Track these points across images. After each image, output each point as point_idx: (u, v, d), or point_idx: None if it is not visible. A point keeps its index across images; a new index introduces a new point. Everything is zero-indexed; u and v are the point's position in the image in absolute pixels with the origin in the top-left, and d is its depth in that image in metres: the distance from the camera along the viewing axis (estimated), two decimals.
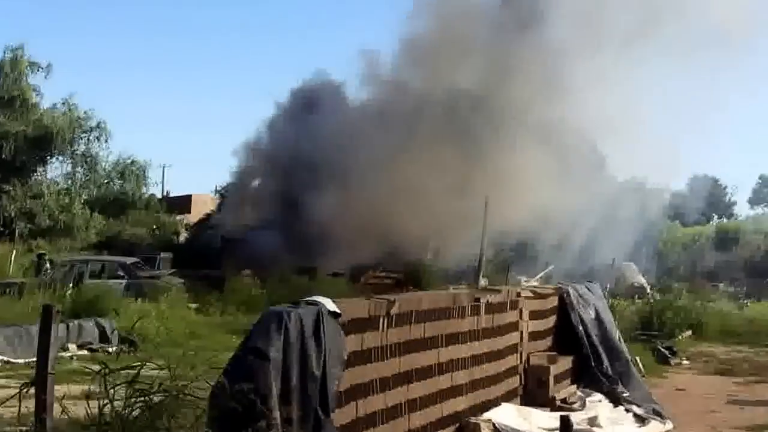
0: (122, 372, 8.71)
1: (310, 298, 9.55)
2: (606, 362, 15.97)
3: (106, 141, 57.78)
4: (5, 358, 18.21)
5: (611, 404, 15.07)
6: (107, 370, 8.45)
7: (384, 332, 10.34)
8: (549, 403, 14.42)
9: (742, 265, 48.86)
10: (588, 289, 17.72)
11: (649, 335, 23.48)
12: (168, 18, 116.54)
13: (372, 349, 10.11)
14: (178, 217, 56.86)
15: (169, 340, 22.13)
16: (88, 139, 57.66)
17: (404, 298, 11.22)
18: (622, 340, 17.59)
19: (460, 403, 12.02)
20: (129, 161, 61.71)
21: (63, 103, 56.02)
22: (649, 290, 43.42)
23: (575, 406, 14.72)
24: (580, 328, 16.24)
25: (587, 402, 14.97)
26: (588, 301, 16.99)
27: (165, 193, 70.40)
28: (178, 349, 21.33)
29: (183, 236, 52.84)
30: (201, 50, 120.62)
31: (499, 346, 13.65)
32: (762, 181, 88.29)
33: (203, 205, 62.26)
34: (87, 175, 59.53)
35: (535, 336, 15.38)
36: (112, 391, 8.38)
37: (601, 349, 16.13)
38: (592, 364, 15.90)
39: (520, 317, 14.66)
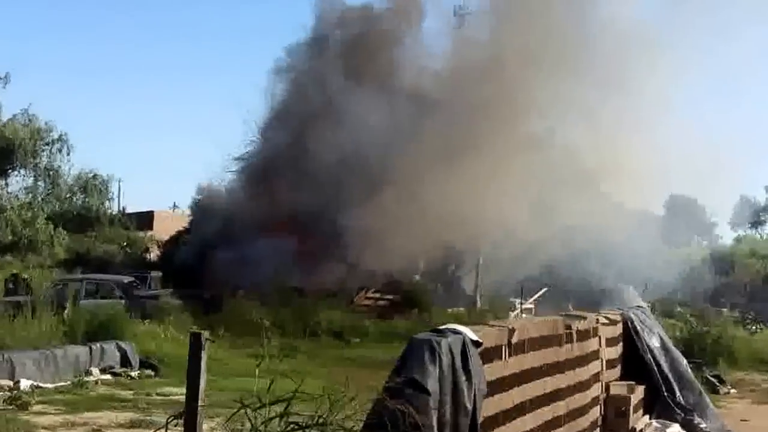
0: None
1: (449, 327, 9.08)
2: (678, 392, 15.64)
3: (68, 154, 57.36)
4: (34, 383, 17.58)
5: None
6: (258, 404, 7.90)
7: (506, 362, 9.95)
8: None
9: (741, 289, 49.04)
10: (644, 314, 17.42)
11: (694, 363, 23.17)
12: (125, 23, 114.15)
13: (496, 379, 9.72)
14: (149, 234, 55.94)
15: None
16: (50, 152, 56.91)
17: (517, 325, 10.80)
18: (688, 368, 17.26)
19: None
20: (91, 175, 60.79)
21: (23, 114, 55.05)
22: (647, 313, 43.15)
23: None
24: (648, 355, 15.87)
25: None
26: (651, 328, 16.66)
27: (122, 209, 69.18)
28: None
29: (154, 253, 51.99)
30: (153, 58, 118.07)
31: (585, 376, 13.29)
32: (743, 201, 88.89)
33: (165, 221, 61.55)
34: (49, 190, 58.64)
35: (609, 364, 15.04)
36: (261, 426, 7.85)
37: (671, 378, 15.80)
38: (664, 393, 15.52)
39: (599, 345, 14.30)
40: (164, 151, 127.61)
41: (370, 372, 21.26)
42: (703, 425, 14.97)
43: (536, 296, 44.98)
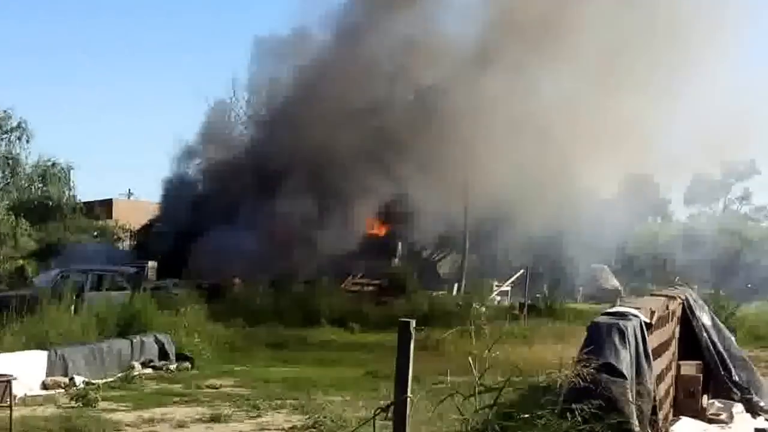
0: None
1: (619, 309, 9.25)
2: (733, 370, 15.88)
3: (27, 142, 56.39)
4: (86, 379, 17.43)
5: (748, 415, 15.01)
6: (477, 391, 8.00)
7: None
8: (700, 415, 14.29)
9: (710, 266, 49.86)
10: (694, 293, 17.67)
11: None
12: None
13: None
14: (118, 223, 55.42)
15: (219, 357, 21.77)
16: (9, 140, 56.09)
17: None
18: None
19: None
20: (50, 163, 59.92)
21: None
22: (624, 293, 43.80)
23: (723, 417, 14.65)
24: (704, 334, 16.08)
25: (733, 414, 14.87)
26: (703, 307, 16.89)
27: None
28: (232, 365, 20.98)
29: (126, 243, 51.58)
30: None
31: (669, 355, 13.55)
32: (695, 178, 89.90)
33: (124, 209, 61.20)
34: (8, 179, 57.80)
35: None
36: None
37: (726, 356, 16.04)
38: (721, 372, 15.76)
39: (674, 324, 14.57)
40: (106, 136, 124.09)
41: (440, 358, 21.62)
42: (762, 403, 15.20)
43: (513, 278, 45.46)
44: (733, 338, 17.37)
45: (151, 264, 33.87)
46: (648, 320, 9.07)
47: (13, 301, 26.44)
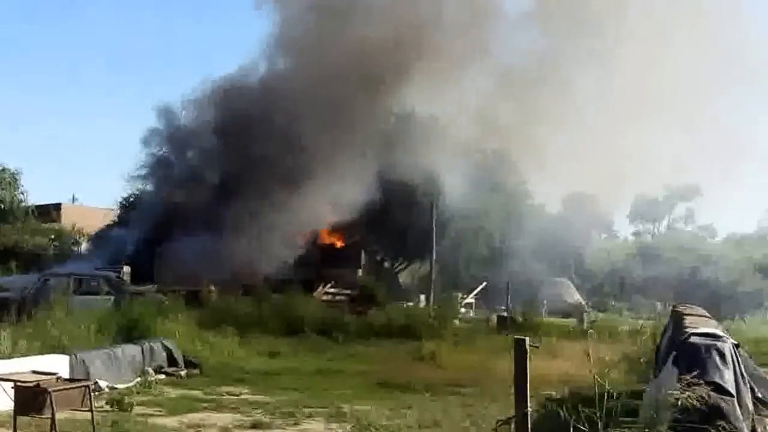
0: None
1: (707, 330, 9.72)
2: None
3: None
4: (109, 383, 17.57)
5: None
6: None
7: None
8: None
9: (670, 282, 50.93)
10: None
11: None
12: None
13: None
14: (76, 226, 55.19)
15: (221, 364, 21.98)
16: None
17: None
18: None
19: None
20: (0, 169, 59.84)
21: None
22: (587, 308, 44.72)
23: None
24: None
25: None
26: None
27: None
28: (237, 373, 21.20)
29: (84, 247, 51.30)
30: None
31: None
32: (637, 198, 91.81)
33: (71, 214, 61.06)
34: None
35: None
36: None
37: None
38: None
39: None
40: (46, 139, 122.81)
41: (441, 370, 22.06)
42: None
43: (476, 291, 46.19)
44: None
45: (126, 269, 33.81)
46: (736, 342, 9.58)
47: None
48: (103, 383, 17.45)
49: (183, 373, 20.24)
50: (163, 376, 19.68)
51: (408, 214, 43.41)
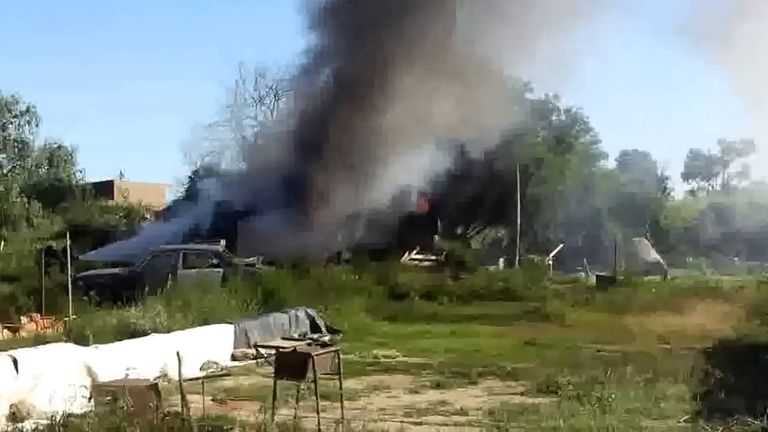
0: None
1: None
2: None
3: (36, 126, 57.44)
4: (267, 351, 17.84)
5: None
6: None
7: None
8: None
9: (745, 239, 50.88)
10: None
11: None
12: None
13: None
14: (143, 203, 55.94)
15: (354, 329, 22.32)
16: (19, 124, 56.72)
17: None
18: None
19: None
20: (56, 146, 60.76)
21: None
22: (665, 267, 44.71)
23: None
24: None
25: None
26: None
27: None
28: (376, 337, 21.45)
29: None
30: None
31: None
32: (693, 155, 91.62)
33: (124, 191, 61.92)
34: (16, 162, 58.35)
35: None
36: None
37: None
38: None
39: None
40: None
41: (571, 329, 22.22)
42: None
43: (553, 252, 46.39)
44: None
45: (222, 242, 34.07)
46: None
47: (111, 281, 27.21)
48: (263, 350, 17.72)
49: (327, 338, 20.50)
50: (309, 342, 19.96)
51: (484, 181, 43.65)
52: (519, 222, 42.76)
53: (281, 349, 11.28)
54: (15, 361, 12.06)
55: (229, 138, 54.55)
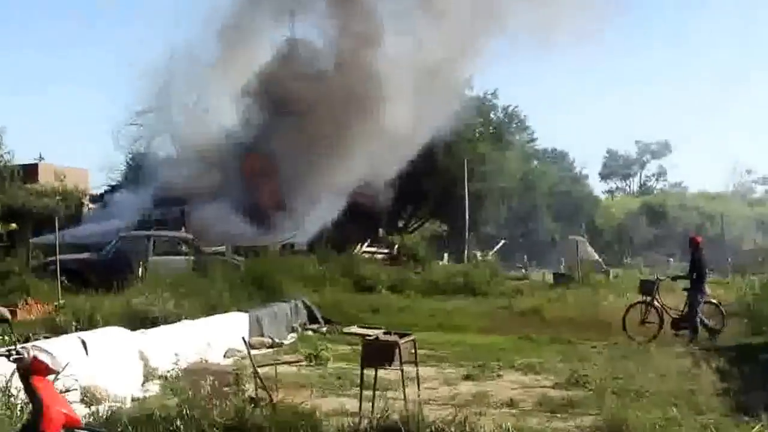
0: None
1: None
2: None
3: None
4: (281, 340, 18.19)
5: None
6: None
7: None
8: None
9: (678, 239, 52.19)
10: None
11: None
12: None
13: None
14: (80, 187, 55.05)
15: (346, 319, 22.48)
16: None
17: None
18: None
19: None
20: None
21: None
22: (604, 266, 45.66)
23: None
24: None
25: None
26: None
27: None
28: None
29: (86, 209, 51.33)
30: None
31: None
32: (610, 155, 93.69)
33: (49, 175, 60.74)
34: None
35: None
36: None
37: None
38: None
39: None
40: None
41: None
42: None
43: (495, 248, 47.20)
44: None
45: (183, 230, 34.05)
46: None
47: (81, 266, 27.05)
48: (284, 339, 18.10)
49: (324, 329, 20.87)
50: (310, 332, 20.31)
51: (426, 175, 44.28)
52: (467, 216, 43.38)
53: (366, 338, 11.57)
54: (84, 343, 12.13)
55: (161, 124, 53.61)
